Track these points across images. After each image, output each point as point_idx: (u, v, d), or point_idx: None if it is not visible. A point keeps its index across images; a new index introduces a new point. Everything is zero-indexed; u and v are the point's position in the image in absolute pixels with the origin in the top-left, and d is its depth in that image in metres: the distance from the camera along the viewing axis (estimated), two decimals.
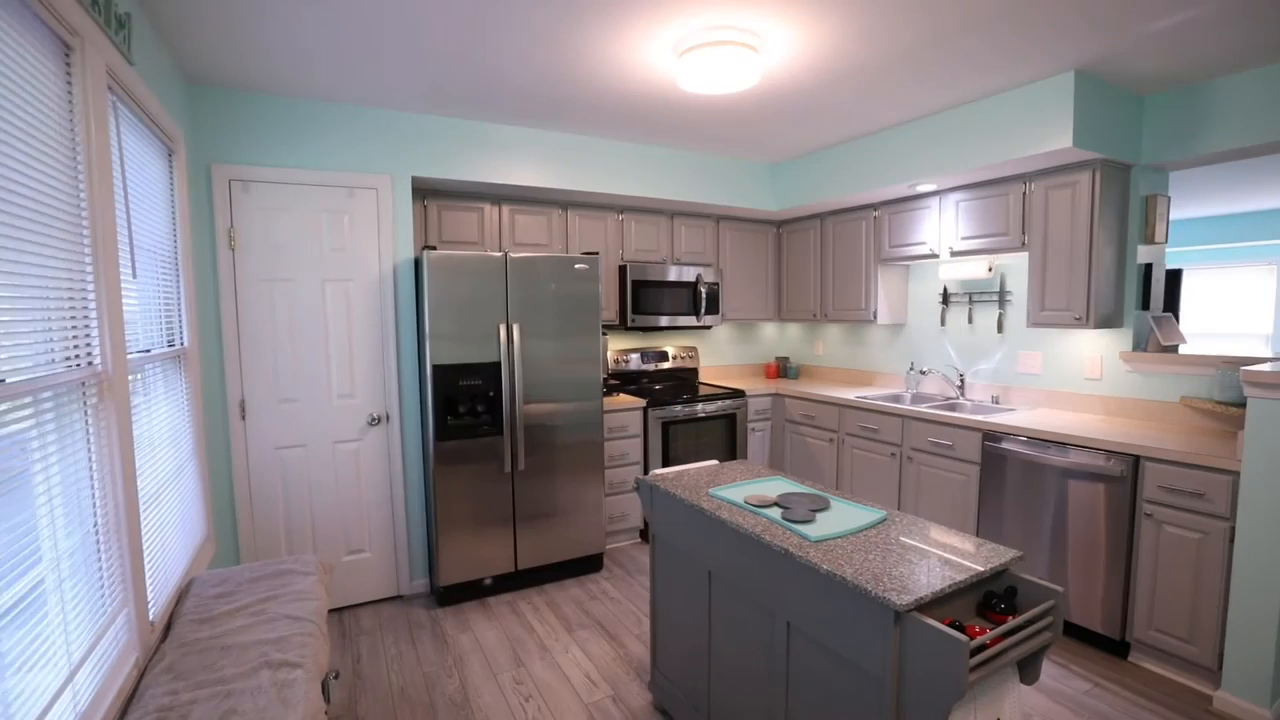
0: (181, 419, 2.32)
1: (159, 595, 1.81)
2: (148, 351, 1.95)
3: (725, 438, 4.04)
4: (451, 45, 2.32)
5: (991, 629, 1.33)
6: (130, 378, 1.71)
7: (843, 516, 1.77)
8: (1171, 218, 6.71)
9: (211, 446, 2.74)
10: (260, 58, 2.41)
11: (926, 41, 2.30)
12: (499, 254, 3.06)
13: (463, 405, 3.03)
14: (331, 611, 3.08)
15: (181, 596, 1.92)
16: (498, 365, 3.09)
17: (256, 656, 1.55)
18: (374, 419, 3.09)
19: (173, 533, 2.06)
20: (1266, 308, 6.67)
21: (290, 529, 2.95)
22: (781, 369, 4.87)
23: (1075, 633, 2.73)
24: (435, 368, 2.95)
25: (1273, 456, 2.10)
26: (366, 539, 3.12)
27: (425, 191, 3.41)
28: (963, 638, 1.19)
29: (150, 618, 1.68)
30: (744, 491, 2.01)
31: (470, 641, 2.77)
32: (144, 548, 1.68)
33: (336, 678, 2.41)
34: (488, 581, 3.19)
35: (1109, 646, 2.62)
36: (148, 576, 1.71)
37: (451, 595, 3.12)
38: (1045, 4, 2.02)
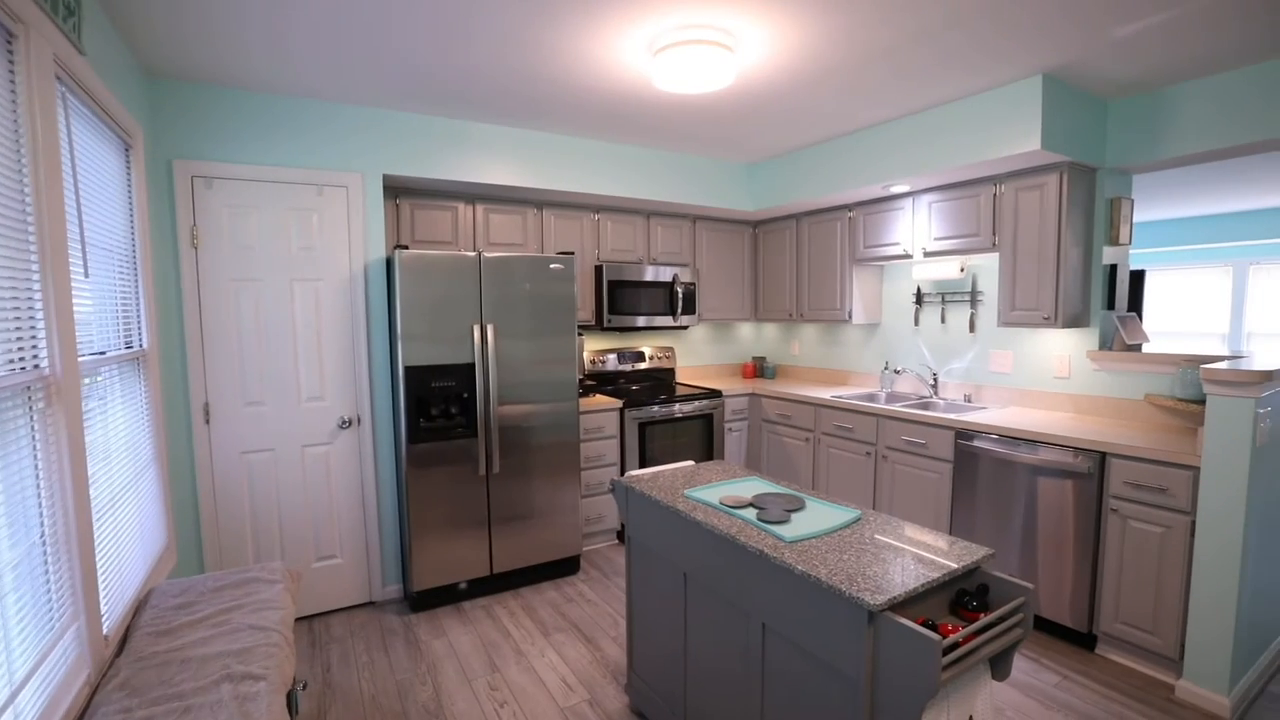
0: (140, 423, 2.23)
1: (114, 607, 1.74)
2: (102, 354, 1.87)
3: (702, 438, 4.04)
4: (425, 41, 2.28)
5: (964, 627, 1.34)
6: (83, 381, 1.64)
7: (818, 516, 1.77)
8: (1135, 220, 6.90)
9: (173, 452, 2.65)
10: (234, 53, 2.35)
11: (905, 40, 2.31)
12: (473, 254, 3.02)
13: (436, 407, 2.98)
14: (301, 619, 3.00)
15: (139, 608, 1.85)
16: (472, 366, 3.04)
17: (218, 669, 1.49)
18: (344, 422, 3.02)
19: (130, 542, 1.98)
20: (1223, 308, 6.92)
21: (257, 536, 2.87)
22: (758, 369, 4.89)
23: (1045, 627, 2.78)
24: (408, 369, 2.89)
25: (1230, 451, 2.16)
26: (337, 544, 3.05)
27: (397, 190, 3.35)
28: (935, 636, 1.19)
29: (104, 631, 1.61)
30: (719, 492, 2.00)
31: (444, 647, 2.72)
32: (97, 558, 1.61)
33: (304, 688, 2.35)
34: (462, 586, 3.14)
35: (1077, 639, 2.67)
36: (101, 588, 1.64)
37: (425, 600, 3.06)
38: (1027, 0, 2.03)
